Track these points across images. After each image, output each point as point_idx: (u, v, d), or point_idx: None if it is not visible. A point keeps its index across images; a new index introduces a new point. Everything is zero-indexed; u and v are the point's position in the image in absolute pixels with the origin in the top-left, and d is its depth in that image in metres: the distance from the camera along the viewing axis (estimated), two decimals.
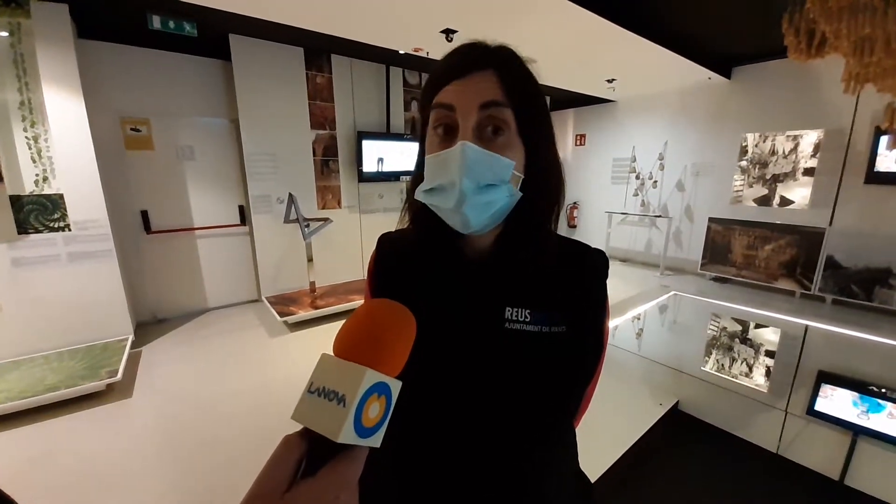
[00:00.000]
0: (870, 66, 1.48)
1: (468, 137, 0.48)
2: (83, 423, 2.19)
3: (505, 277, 0.56)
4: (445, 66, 0.52)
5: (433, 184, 0.51)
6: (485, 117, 0.49)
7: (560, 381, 0.56)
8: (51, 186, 2.67)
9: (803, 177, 3.95)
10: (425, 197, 0.53)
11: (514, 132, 0.51)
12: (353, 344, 0.36)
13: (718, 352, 2.89)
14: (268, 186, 3.89)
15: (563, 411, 0.59)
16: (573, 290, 0.57)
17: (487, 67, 0.50)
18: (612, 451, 1.93)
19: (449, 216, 0.52)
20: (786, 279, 4.05)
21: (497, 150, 0.49)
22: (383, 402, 0.35)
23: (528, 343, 0.54)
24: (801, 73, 3.84)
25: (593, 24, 2.74)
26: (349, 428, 0.31)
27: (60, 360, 2.62)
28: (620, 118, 5.61)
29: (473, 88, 0.49)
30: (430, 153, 0.52)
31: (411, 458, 0.59)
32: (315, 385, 0.34)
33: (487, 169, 0.49)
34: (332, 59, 4.05)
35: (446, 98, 0.50)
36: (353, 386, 0.32)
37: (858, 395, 2.03)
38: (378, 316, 0.39)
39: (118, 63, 3.21)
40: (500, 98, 0.49)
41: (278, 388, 2.57)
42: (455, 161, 0.48)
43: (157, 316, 3.68)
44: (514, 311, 0.54)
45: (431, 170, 0.51)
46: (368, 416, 0.33)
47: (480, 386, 0.55)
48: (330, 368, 0.34)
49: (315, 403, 0.33)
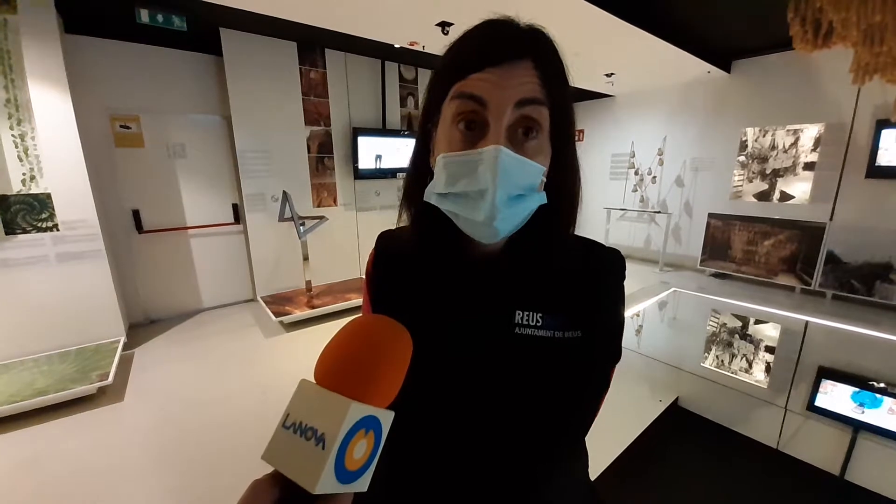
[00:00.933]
0: (880, 56, 1.44)
1: (500, 140, 0.42)
2: (74, 428, 2.14)
3: (514, 278, 0.51)
4: (474, 49, 0.45)
5: (454, 188, 0.45)
6: (519, 117, 0.43)
7: (575, 391, 0.51)
8: (38, 186, 2.61)
9: (804, 171, 3.92)
10: (442, 202, 0.47)
11: (546, 134, 0.45)
12: (337, 370, 0.31)
13: (718, 348, 2.87)
14: (262, 184, 3.83)
15: (576, 424, 0.54)
16: (588, 291, 0.52)
17: (525, 56, 0.44)
18: (612, 448, 1.92)
19: (472, 226, 0.46)
20: (786, 275, 4.03)
21: (528, 155, 0.44)
22: (371, 438, 0.29)
23: (539, 350, 0.49)
24: (801, 67, 3.80)
25: (592, 16, 2.69)
26: (328, 475, 0.26)
27: (50, 364, 2.57)
28: (619, 113, 5.57)
29: (511, 82, 0.42)
30: (450, 150, 0.45)
31: (414, 470, 0.55)
32: (291, 418, 0.29)
33: (521, 177, 0.44)
34: (326, 54, 3.98)
35: (477, 89, 0.43)
36: (334, 423, 0.27)
37: (858, 390, 2.02)
38: (366, 336, 0.34)
39: (106, 58, 3.14)
40: (538, 95, 0.43)
41: (274, 389, 2.53)
42: (488, 168, 0.42)
43: (150, 317, 3.64)
44: (525, 314, 0.49)
45: (452, 172, 0.45)
46: (353, 457, 0.28)
47: (488, 396, 0.50)
48: (309, 399, 0.29)
49: (290, 442, 0.28)
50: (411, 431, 0.51)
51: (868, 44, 1.42)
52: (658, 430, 2.17)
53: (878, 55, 1.44)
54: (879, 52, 1.42)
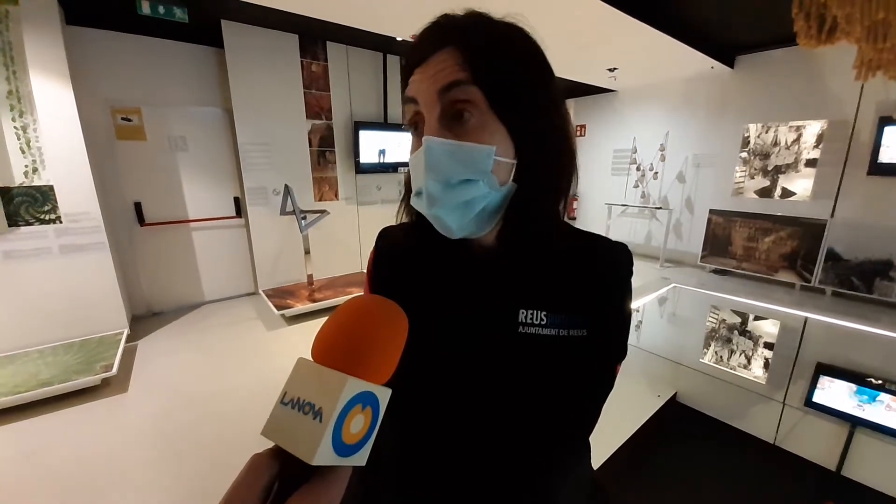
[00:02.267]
0: (883, 52, 1.43)
1: (432, 131, 0.43)
2: (78, 418, 2.17)
3: (518, 276, 0.50)
4: (409, 55, 0.47)
5: (414, 188, 0.48)
6: (447, 103, 0.43)
7: (580, 390, 0.50)
8: (40, 178, 2.62)
9: (805, 168, 3.91)
10: (414, 201, 0.49)
11: (485, 111, 0.43)
12: (333, 347, 0.32)
13: (717, 344, 2.89)
14: (263, 178, 3.83)
15: (581, 425, 0.53)
16: (594, 288, 0.50)
17: (447, 44, 0.43)
18: (611, 443, 1.94)
19: (431, 220, 0.47)
20: (786, 271, 4.04)
21: (469, 138, 0.43)
22: (369, 413, 0.30)
23: (544, 349, 0.48)
24: (805, 63, 3.77)
25: (595, 9, 2.67)
26: (326, 447, 0.27)
27: (55, 355, 2.60)
28: (621, 108, 5.54)
29: (430, 74, 0.43)
30: (411, 153, 0.48)
31: (416, 471, 0.55)
32: (289, 395, 0.30)
33: (458, 163, 0.43)
34: (328, 47, 3.96)
35: (410, 91, 0.45)
36: (331, 397, 0.28)
37: (856, 386, 2.03)
38: (362, 314, 0.35)
39: (107, 50, 3.13)
40: (460, 76, 0.42)
41: (276, 382, 2.55)
42: (421, 162, 0.44)
43: (153, 309, 3.66)
44: (529, 313, 0.48)
45: (412, 173, 0.48)
46: (350, 431, 0.29)
47: (491, 397, 0.50)
48: (306, 376, 0.30)
49: (288, 417, 0.29)
50: (415, 424, 0.52)
51: (871, 40, 1.42)
52: (657, 424, 2.19)
53: (882, 51, 1.44)
54: (883, 49, 1.42)
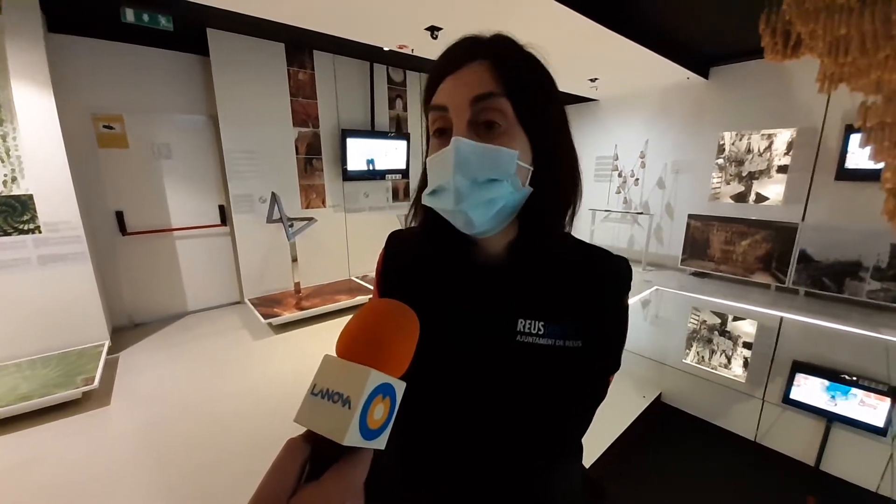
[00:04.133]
0: (844, 66, 1.53)
1: (462, 134, 0.46)
2: (59, 433, 2.10)
3: (520, 285, 0.52)
4: (439, 64, 0.50)
5: (434, 186, 0.50)
6: (478, 111, 0.46)
7: (573, 400, 0.52)
8: (20, 187, 2.55)
9: (777, 174, 4.08)
10: (429, 200, 0.51)
11: (512, 122, 0.47)
12: (355, 344, 0.36)
13: (699, 344, 2.96)
14: (249, 185, 3.80)
15: (573, 430, 0.55)
16: (591, 300, 0.52)
17: (480, 58, 0.47)
18: (599, 444, 1.97)
19: (452, 217, 0.50)
20: (762, 273, 4.19)
21: (495, 143, 0.47)
22: (388, 403, 0.34)
23: (540, 358, 0.50)
24: (775, 74, 3.96)
25: (576, 22, 2.76)
26: (354, 430, 0.31)
27: (33, 368, 2.52)
28: (603, 117, 5.69)
29: (465, 82, 0.47)
30: (430, 156, 0.51)
31: (417, 471, 0.58)
32: (318, 387, 0.33)
33: (486, 162, 0.46)
34: (315, 55, 3.98)
35: (439, 99, 0.49)
36: (357, 387, 0.32)
37: (830, 382, 2.11)
38: (380, 315, 0.39)
39: (90, 58, 3.09)
40: (493, 89, 0.46)
41: (263, 392, 2.52)
42: (449, 160, 0.46)
43: (134, 320, 3.57)
44: (528, 323, 0.51)
45: (431, 172, 0.51)
46: (373, 417, 0.32)
47: (488, 401, 0.52)
48: (333, 370, 0.34)
49: (318, 405, 0.32)
50: (416, 421, 0.54)
51: (833, 55, 1.52)
52: (643, 425, 2.23)
53: (843, 65, 1.54)
54: (844, 63, 1.52)
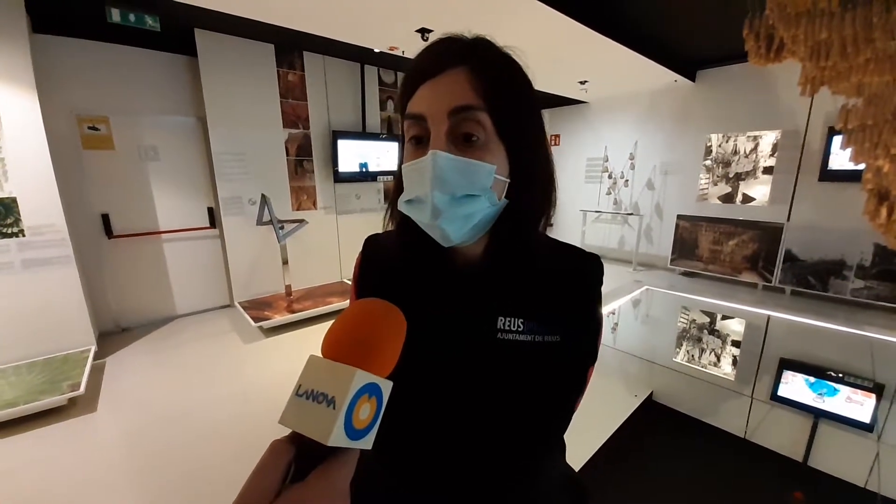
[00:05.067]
0: (825, 70, 1.57)
1: (440, 146, 0.45)
2: (45, 440, 2.06)
3: (498, 286, 0.53)
4: (416, 68, 0.49)
5: (410, 195, 0.49)
6: (457, 123, 0.45)
7: (554, 392, 0.54)
8: (3, 189, 2.49)
9: (763, 175, 4.16)
10: (406, 208, 0.50)
11: (491, 134, 0.47)
12: (341, 344, 0.35)
13: (688, 343, 3.00)
14: (238, 187, 3.76)
15: (555, 423, 0.57)
16: (567, 297, 0.54)
17: (459, 64, 0.46)
18: (590, 444, 1.98)
19: (428, 229, 0.50)
20: (749, 272, 4.26)
21: (473, 157, 0.46)
22: (374, 403, 0.34)
23: (521, 354, 0.52)
24: (760, 77, 4.03)
25: (566, 26, 2.79)
26: (339, 430, 0.30)
27: (18, 374, 2.46)
28: (593, 119, 5.75)
29: (443, 91, 0.46)
30: (405, 162, 0.50)
31: (401, 468, 0.58)
32: (303, 388, 0.32)
33: (463, 178, 0.46)
34: (305, 57, 3.96)
35: (416, 107, 0.47)
36: (342, 387, 0.31)
37: (816, 379, 2.15)
38: (367, 315, 0.38)
39: (75, 58, 3.03)
40: (472, 101, 0.45)
41: (253, 396, 2.49)
42: (426, 172, 0.45)
43: (121, 325, 3.51)
44: (507, 320, 0.52)
45: (407, 180, 0.49)
46: (359, 417, 0.32)
47: (472, 398, 0.53)
48: (318, 370, 0.33)
49: (303, 406, 0.32)
50: (400, 431, 0.54)
51: (815, 59, 1.56)
52: (634, 424, 2.25)
53: (824, 69, 1.58)
54: (825, 66, 1.55)
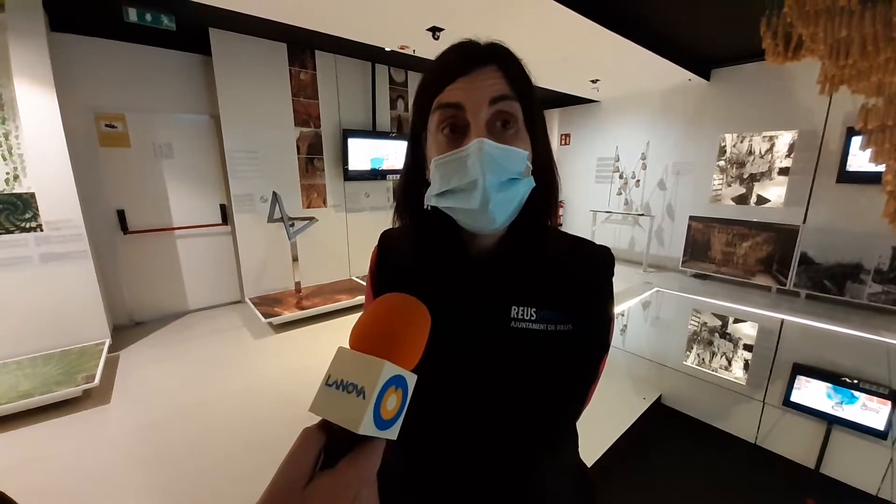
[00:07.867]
0: (845, 69, 1.54)
1: (482, 134, 0.47)
2: (60, 431, 2.11)
3: (511, 275, 0.55)
4: (445, 65, 0.51)
5: (448, 186, 0.50)
6: (494, 112, 0.49)
7: (566, 380, 0.56)
8: (21, 185, 2.56)
9: (778, 176, 4.08)
10: (439, 201, 0.51)
11: (521, 123, 0.50)
12: (370, 337, 0.37)
13: (699, 346, 2.96)
14: (250, 185, 3.81)
15: (568, 410, 0.58)
16: (579, 287, 0.56)
17: (490, 63, 0.50)
18: (598, 446, 1.97)
19: (470, 217, 0.50)
20: (762, 275, 4.18)
21: (509, 143, 0.49)
22: (400, 394, 0.35)
23: (534, 342, 0.53)
24: (776, 76, 3.95)
25: (578, 24, 2.77)
26: (369, 419, 0.31)
27: (34, 366, 2.52)
28: (604, 118, 5.69)
29: (481, 84, 0.48)
30: (438, 155, 0.50)
31: (418, 456, 0.59)
32: (333, 378, 0.34)
33: (507, 163, 0.48)
34: (317, 56, 3.99)
35: (453, 97, 0.49)
36: (372, 378, 0.32)
37: (832, 386, 2.10)
38: (394, 309, 0.40)
39: (92, 57, 3.10)
40: (508, 92, 0.49)
41: (263, 391, 2.53)
42: (476, 160, 0.47)
43: (135, 319, 3.58)
44: (521, 309, 0.53)
45: (444, 172, 0.50)
46: (387, 408, 0.33)
47: (486, 386, 0.54)
48: (348, 361, 0.34)
49: (333, 396, 0.33)
50: (416, 417, 0.55)
51: (834, 57, 1.52)
52: (643, 426, 2.23)
53: (844, 67, 1.54)
54: (845, 65, 1.52)
